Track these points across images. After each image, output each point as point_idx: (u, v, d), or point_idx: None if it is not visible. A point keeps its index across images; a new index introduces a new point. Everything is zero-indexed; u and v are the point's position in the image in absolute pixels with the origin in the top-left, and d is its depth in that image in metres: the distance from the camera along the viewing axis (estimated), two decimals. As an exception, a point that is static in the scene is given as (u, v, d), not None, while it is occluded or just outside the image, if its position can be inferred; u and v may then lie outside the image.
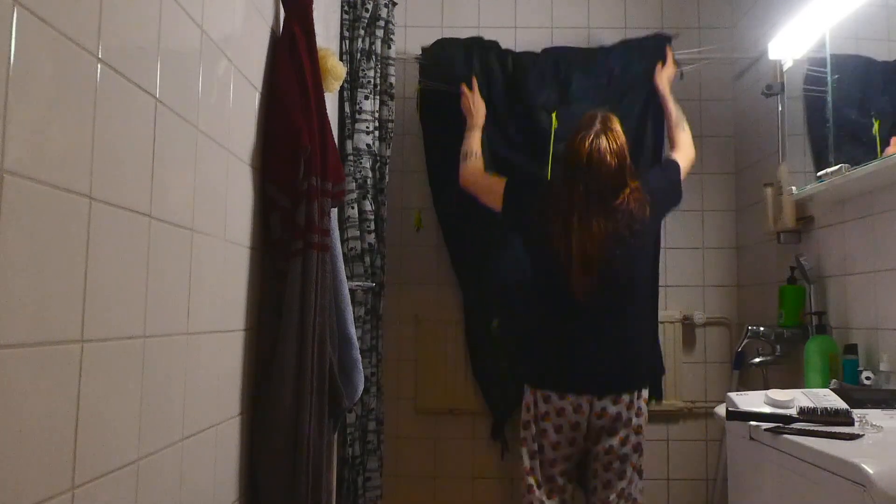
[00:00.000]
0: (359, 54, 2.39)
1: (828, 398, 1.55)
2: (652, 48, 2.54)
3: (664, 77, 2.42)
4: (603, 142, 1.93)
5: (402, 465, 2.67)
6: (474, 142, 2.30)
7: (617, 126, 1.99)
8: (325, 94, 1.66)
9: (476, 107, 2.38)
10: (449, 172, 2.36)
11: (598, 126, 1.96)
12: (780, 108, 2.37)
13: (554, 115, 2.52)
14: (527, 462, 1.99)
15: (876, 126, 1.86)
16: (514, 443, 2.46)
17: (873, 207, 1.88)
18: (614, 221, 1.92)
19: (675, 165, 2.15)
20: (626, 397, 1.93)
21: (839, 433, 1.35)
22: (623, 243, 1.92)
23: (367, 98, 2.37)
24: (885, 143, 1.77)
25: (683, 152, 2.21)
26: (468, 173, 2.25)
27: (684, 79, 2.58)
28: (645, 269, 2.10)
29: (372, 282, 2.34)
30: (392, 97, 2.48)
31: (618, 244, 1.91)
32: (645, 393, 2.00)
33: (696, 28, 2.82)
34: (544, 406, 1.95)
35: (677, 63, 2.49)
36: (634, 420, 1.95)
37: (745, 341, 2.40)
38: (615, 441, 1.94)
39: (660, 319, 2.62)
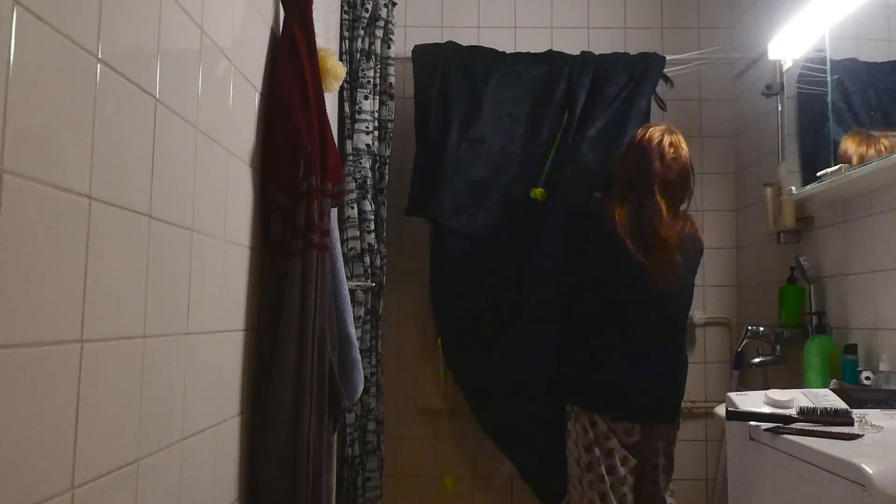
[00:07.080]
0: (358, 54, 2.38)
1: (828, 398, 1.54)
2: (642, 67, 2.51)
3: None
4: (677, 138, 2.01)
5: (402, 465, 2.67)
6: None
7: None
8: (325, 94, 1.66)
9: None
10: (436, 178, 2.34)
11: (668, 128, 2.04)
12: (780, 108, 2.37)
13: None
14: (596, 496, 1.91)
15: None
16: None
17: (873, 207, 1.88)
18: (687, 226, 1.98)
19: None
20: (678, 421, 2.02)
21: (839, 433, 1.35)
22: (688, 251, 1.97)
23: (366, 98, 2.37)
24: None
25: None
26: None
27: (674, 86, 2.59)
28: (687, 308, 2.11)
29: (372, 282, 2.34)
30: (392, 97, 2.48)
31: (685, 251, 1.96)
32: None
33: (695, 28, 2.83)
34: (604, 432, 1.92)
35: None
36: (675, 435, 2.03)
37: (745, 341, 2.40)
38: (659, 460, 2.00)
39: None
